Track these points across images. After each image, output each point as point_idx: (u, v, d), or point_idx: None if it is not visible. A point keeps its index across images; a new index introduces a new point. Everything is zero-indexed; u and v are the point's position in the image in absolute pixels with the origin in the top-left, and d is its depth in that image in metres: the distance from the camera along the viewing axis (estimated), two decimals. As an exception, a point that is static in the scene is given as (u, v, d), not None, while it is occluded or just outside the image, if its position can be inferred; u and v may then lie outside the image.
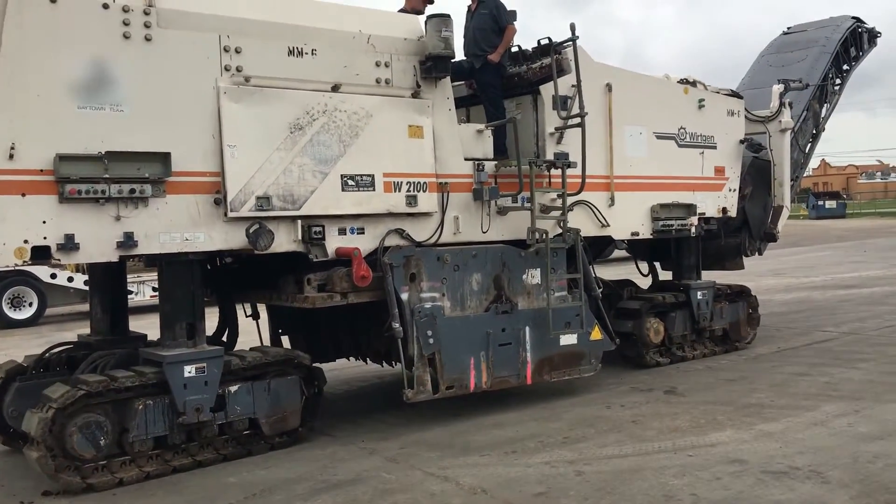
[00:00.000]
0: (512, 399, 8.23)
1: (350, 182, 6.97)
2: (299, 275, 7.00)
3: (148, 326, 8.12)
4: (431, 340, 7.23)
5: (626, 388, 8.75)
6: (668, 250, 10.66)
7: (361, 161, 7.03)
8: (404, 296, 7.16)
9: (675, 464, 6.04)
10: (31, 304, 17.88)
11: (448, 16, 7.47)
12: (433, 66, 7.41)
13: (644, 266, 11.61)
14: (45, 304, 17.90)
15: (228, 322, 7.82)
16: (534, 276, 8.01)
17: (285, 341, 9.00)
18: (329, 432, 7.39)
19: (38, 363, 7.19)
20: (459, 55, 8.18)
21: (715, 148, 10.17)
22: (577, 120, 8.16)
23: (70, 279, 18.03)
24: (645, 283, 11.23)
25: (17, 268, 6.77)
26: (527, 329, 7.89)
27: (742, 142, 10.55)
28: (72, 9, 5.77)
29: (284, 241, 6.72)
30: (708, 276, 10.76)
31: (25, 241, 5.61)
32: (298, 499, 5.71)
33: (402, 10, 8.29)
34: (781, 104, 11.56)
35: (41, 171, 5.65)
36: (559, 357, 8.13)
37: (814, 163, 77.88)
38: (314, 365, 7.27)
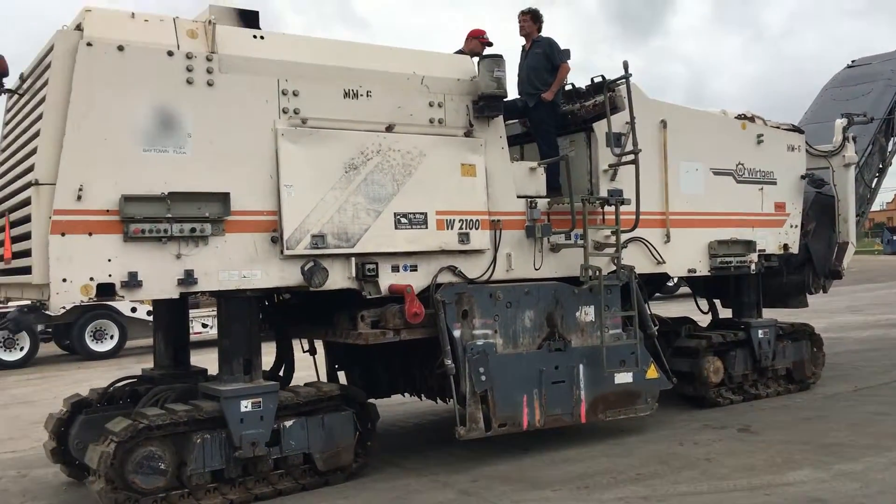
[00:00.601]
0: (580, 435, 8.22)
1: (403, 220, 7.08)
2: (353, 311, 7.10)
3: (205, 361, 8.32)
4: (484, 378, 7.23)
5: (698, 425, 8.68)
6: (728, 287, 10.47)
7: (414, 199, 7.14)
8: (456, 333, 7.19)
9: (751, 503, 6.00)
10: (112, 337, 18.57)
11: (500, 56, 7.59)
12: (486, 105, 7.51)
13: (704, 303, 11.42)
14: (125, 337, 18.55)
15: (285, 358, 7.96)
16: (587, 314, 7.96)
17: (342, 377, 9.12)
18: (400, 463, 7.52)
19: (103, 396, 7.43)
20: (513, 94, 8.29)
21: (775, 184, 10.01)
22: (631, 157, 8.14)
23: (149, 313, 18.59)
24: (705, 320, 11.04)
25: (99, 302, 7.06)
26: (580, 367, 7.83)
27: (803, 177, 10.35)
28: (138, 56, 6.05)
29: (339, 278, 6.84)
30: (772, 314, 10.53)
31: (91, 279, 5.84)
32: None
33: (459, 52, 8.46)
34: (845, 138, 11.32)
35: (107, 211, 5.90)
36: (614, 396, 8.03)
37: (887, 196, 75.45)
38: (368, 401, 7.33)
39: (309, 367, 8.59)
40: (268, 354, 7.10)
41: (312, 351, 8.60)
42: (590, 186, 8.49)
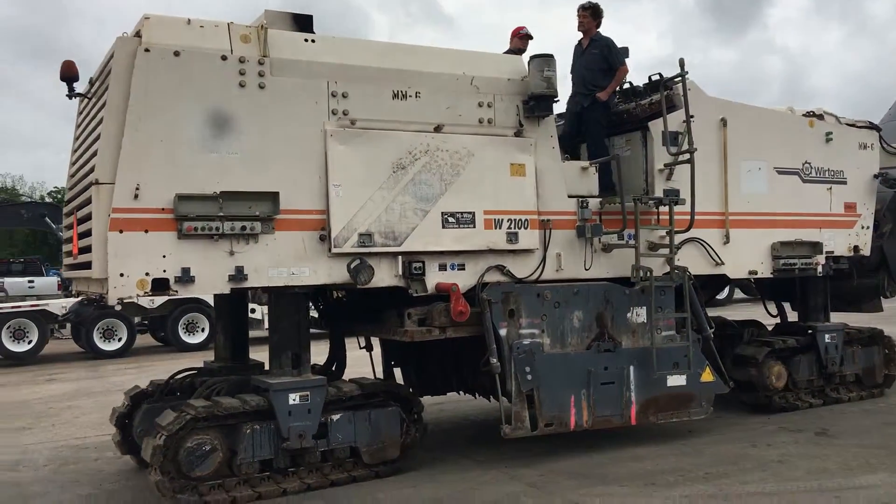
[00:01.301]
0: (649, 435, 8.28)
1: (450, 219, 7.16)
2: (402, 309, 7.21)
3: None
4: (530, 377, 7.25)
5: (773, 427, 8.62)
6: (795, 290, 10.17)
7: (462, 198, 7.21)
8: (503, 331, 7.23)
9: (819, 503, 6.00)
10: (203, 330, 19.42)
11: (551, 56, 7.58)
12: (536, 105, 7.52)
13: (772, 307, 11.11)
14: (214, 330, 19.07)
15: (337, 354, 8.13)
16: (639, 315, 7.88)
17: (397, 373, 9.26)
18: (471, 456, 7.68)
19: (164, 388, 7.76)
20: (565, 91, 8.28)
21: (845, 183, 9.67)
22: (687, 156, 8.01)
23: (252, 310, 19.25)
24: (773, 323, 10.74)
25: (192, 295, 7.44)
26: (631, 368, 7.76)
27: (876, 176, 9.96)
28: (193, 61, 6.31)
29: (386, 276, 6.98)
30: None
31: (147, 274, 6.13)
32: None
33: (509, 51, 8.48)
34: (924, 136, 10.85)
35: (162, 209, 6.17)
36: (666, 398, 7.93)
37: None
38: (414, 397, 7.44)
39: (368, 364, 8.76)
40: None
41: (369, 348, 8.76)
42: (645, 186, 8.39)
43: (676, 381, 7.97)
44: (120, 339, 18.58)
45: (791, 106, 9.94)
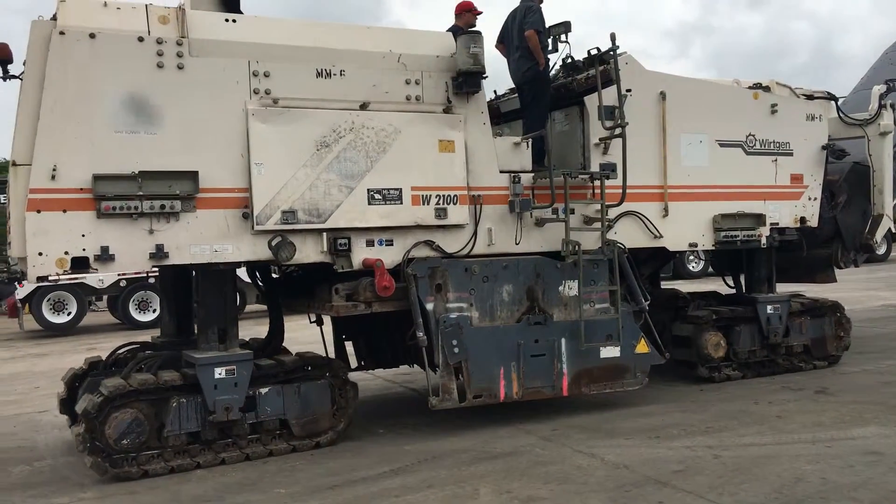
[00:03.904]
0: (660, 394, 8.82)
1: (377, 196, 7.26)
2: (332, 285, 7.36)
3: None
4: (457, 350, 7.39)
5: (776, 386, 9.09)
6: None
7: (389, 176, 7.30)
8: (429, 306, 7.36)
9: (810, 452, 6.42)
10: (154, 310, 19.17)
11: (479, 33, 7.63)
12: (464, 81, 7.58)
13: (731, 279, 11.17)
14: (244, 302, 19.00)
15: (275, 328, 8.28)
16: (571, 288, 7.98)
17: (349, 346, 9.42)
18: (487, 414, 7.94)
19: (108, 362, 7.95)
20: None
21: (791, 155, 9.67)
22: (620, 130, 8.06)
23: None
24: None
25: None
26: (563, 341, 7.87)
27: (825, 148, 9.96)
28: (110, 42, 6.41)
29: (311, 252, 7.10)
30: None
31: (66, 253, 6.29)
32: (463, 464, 6.60)
33: (454, 26, 8.51)
34: (881, 106, 10.80)
35: (81, 189, 6.31)
36: (599, 370, 8.05)
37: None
38: (344, 369, 7.60)
39: (319, 338, 8.91)
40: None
41: (319, 322, 8.90)
42: (582, 160, 8.45)
43: (610, 352, 8.09)
44: (154, 311, 18.79)
45: (737, 78, 9.94)
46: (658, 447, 6.81)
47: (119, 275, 17.93)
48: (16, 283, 18.80)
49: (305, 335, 9.77)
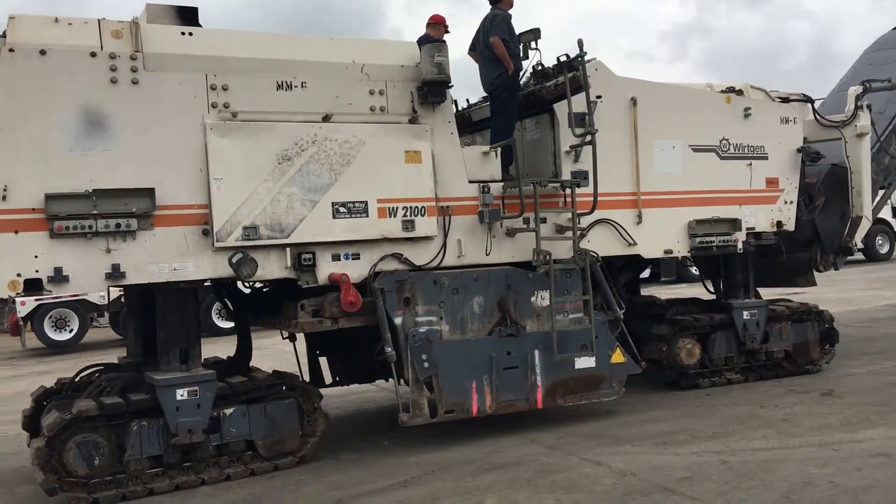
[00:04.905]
0: (666, 401, 8.82)
1: (342, 209, 7.12)
2: (299, 301, 7.20)
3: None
4: (426, 364, 7.24)
5: (782, 390, 9.06)
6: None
7: (354, 188, 7.17)
8: (398, 320, 7.22)
9: (818, 456, 6.39)
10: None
11: (443, 41, 7.53)
12: (429, 91, 7.46)
13: (711, 285, 11.05)
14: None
15: (243, 346, 8.12)
16: (544, 299, 7.85)
17: (323, 363, 9.25)
18: (493, 424, 7.86)
19: (71, 384, 7.76)
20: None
21: (766, 158, 9.57)
22: (590, 138, 7.94)
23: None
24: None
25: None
26: (536, 352, 7.73)
27: (800, 150, 9.87)
28: (61, 58, 6.26)
29: (275, 268, 6.95)
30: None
31: (18, 275, 6.12)
32: (468, 475, 6.54)
33: (425, 35, 8.39)
34: (858, 107, 10.71)
35: (33, 209, 6.15)
36: (574, 381, 7.91)
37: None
38: (312, 387, 7.44)
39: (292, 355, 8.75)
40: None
41: (292, 338, 8.73)
42: (554, 168, 8.33)
43: (585, 363, 7.95)
44: (71, 331, 18.68)
45: (710, 83, 9.86)
46: (665, 453, 6.80)
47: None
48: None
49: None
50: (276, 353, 10.79)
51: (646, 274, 25.65)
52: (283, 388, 7.17)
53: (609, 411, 8.33)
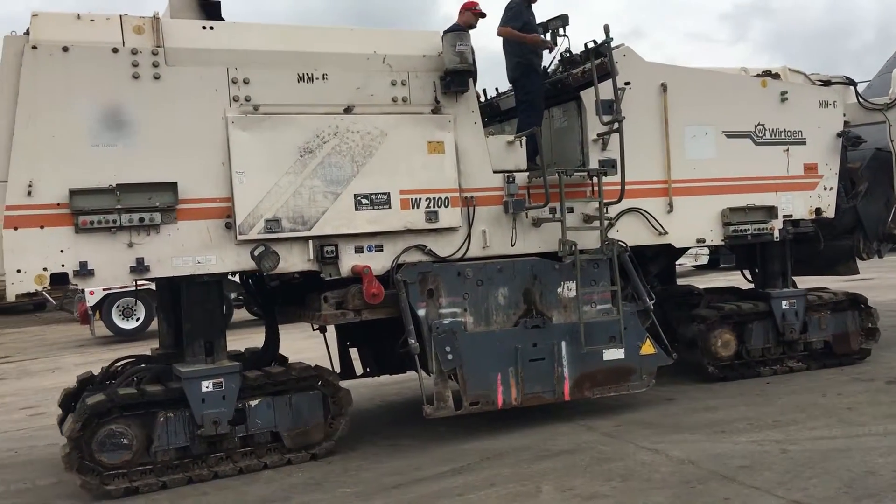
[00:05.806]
0: (726, 389, 8.70)
1: (364, 201, 7.10)
2: (322, 293, 7.20)
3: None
4: (451, 356, 7.19)
5: (846, 378, 8.90)
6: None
7: (376, 180, 7.13)
8: (421, 312, 7.18)
9: (883, 445, 6.24)
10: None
11: (465, 30, 7.44)
12: (452, 81, 7.38)
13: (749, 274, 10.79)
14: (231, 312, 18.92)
15: (271, 338, 8.16)
16: (570, 290, 7.73)
17: (353, 354, 9.26)
18: (550, 411, 7.89)
19: (105, 374, 7.89)
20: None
21: (804, 143, 9.29)
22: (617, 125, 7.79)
23: None
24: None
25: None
26: (563, 344, 7.63)
27: (840, 135, 9.55)
28: (83, 55, 6.33)
29: (298, 261, 6.96)
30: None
31: (45, 269, 6.22)
32: (525, 462, 6.56)
33: (453, 26, 8.29)
34: (903, 89, 10.35)
35: (58, 204, 6.24)
36: (603, 373, 7.80)
37: None
38: (337, 379, 7.43)
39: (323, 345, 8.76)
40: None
41: (322, 329, 8.77)
42: (581, 157, 8.20)
43: (614, 354, 7.83)
44: (138, 319, 19.08)
45: (744, 66, 9.59)
46: (724, 442, 6.70)
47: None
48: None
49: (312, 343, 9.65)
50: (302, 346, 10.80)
51: (705, 261, 25.47)
52: (315, 380, 7.14)
53: (668, 399, 8.30)
